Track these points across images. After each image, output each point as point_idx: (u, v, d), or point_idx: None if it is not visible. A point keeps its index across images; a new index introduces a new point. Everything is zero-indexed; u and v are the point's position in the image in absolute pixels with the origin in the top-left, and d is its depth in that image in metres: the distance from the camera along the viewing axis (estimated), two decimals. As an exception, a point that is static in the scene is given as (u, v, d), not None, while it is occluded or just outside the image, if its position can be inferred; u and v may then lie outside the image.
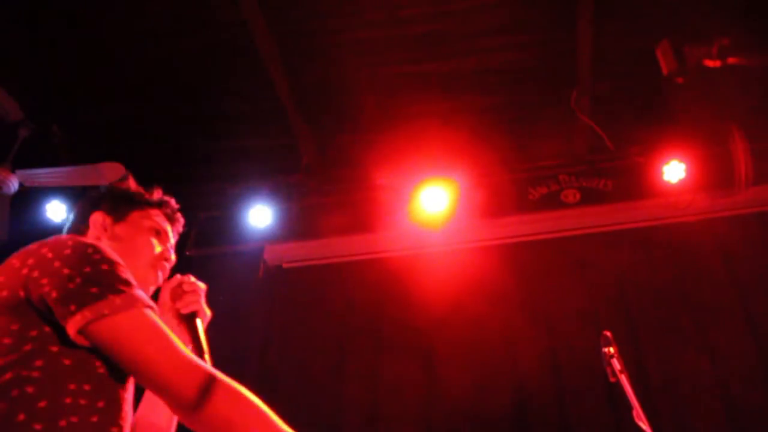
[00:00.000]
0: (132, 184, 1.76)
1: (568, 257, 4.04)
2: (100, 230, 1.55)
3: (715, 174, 3.87)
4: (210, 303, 1.62)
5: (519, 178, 4.15)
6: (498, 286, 3.95)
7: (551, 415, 3.59)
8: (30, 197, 4.22)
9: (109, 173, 3.77)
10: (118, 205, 1.62)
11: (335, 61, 3.91)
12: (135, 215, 1.61)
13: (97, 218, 1.57)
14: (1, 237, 3.97)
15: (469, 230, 4.16)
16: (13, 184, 3.80)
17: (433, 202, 4.01)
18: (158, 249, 1.58)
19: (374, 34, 3.76)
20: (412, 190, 4.06)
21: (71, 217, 1.65)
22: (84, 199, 1.66)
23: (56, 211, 4.36)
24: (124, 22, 3.68)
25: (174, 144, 4.32)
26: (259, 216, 4.20)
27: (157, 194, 1.71)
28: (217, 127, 4.25)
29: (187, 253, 4.28)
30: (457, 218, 4.04)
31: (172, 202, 1.72)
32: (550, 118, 4.17)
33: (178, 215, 1.72)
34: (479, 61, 3.90)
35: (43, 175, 3.82)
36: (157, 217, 1.65)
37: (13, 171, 3.80)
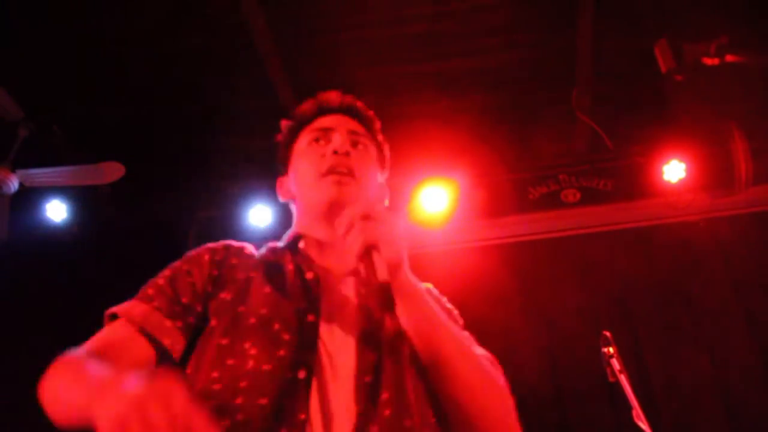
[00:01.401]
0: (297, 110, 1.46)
1: (568, 257, 4.04)
2: (286, 194, 1.45)
3: (715, 174, 3.87)
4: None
5: (519, 177, 4.14)
6: (498, 286, 3.95)
7: (550, 415, 3.59)
8: (30, 197, 4.22)
9: (109, 173, 3.78)
10: (282, 151, 1.45)
11: (335, 61, 3.91)
12: (297, 145, 1.41)
13: (281, 182, 1.47)
14: (1, 237, 3.97)
15: (469, 230, 4.16)
16: (13, 184, 3.80)
17: (433, 202, 4.01)
18: (318, 154, 1.33)
19: (374, 34, 3.76)
20: (412, 190, 4.06)
21: None
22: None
23: (56, 211, 4.36)
24: (124, 22, 3.68)
25: (174, 144, 4.32)
26: (259, 216, 4.20)
27: (307, 105, 1.44)
28: (217, 127, 4.25)
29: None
30: (457, 218, 4.04)
31: (326, 96, 1.44)
32: (550, 118, 4.17)
33: (333, 97, 1.44)
34: (479, 61, 3.89)
35: (43, 175, 3.82)
36: (314, 124, 1.40)
37: (13, 171, 3.80)
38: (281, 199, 1.47)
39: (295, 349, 1.09)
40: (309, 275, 1.23)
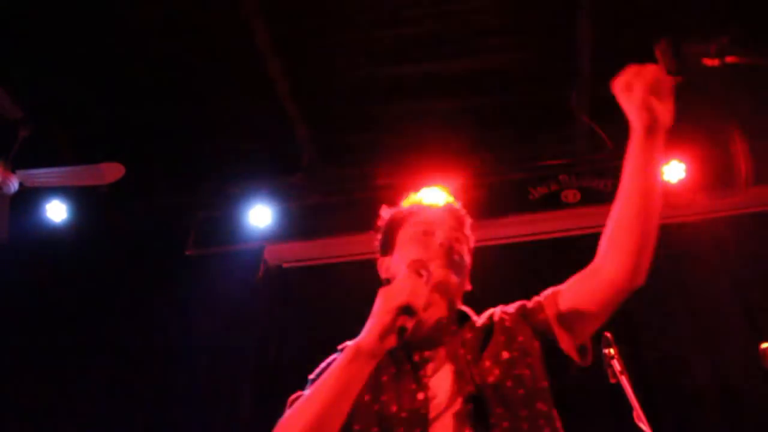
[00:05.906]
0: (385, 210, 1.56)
1: (568, 257, 4.03)
2: (386, 272, 1.50)
3: (715, 174, 3.87)
4: (209, 303, 1.61)
5: (519, 178, 4.14)
6: (498, 286, 3.94)
7: (551, 415, 3.58)
8: (30, 197, 4.22)
9: (109, 173, 3.77)
10: (384, 239, 1.51)
11: (335, 61, 3.91)
12: (400, 235, 1.50)
13: (380, 265, 1.52)
14: (1, 237, 3.96)
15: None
16: (13, 184, 3.80)
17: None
18: (424, 244, 1.42)
19: (374, 34, 3.76)
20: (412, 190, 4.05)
21: None
22: None
23: (56, 211, 4.36)
24: (123, 22, 3.68)
25: (174, 144, 4.32)
26: (259, 216, 4.20)
27: (413, 200, 1.55)
28: (217, 127, 4.24)
29: (187, 252, 4.28)
30: (457, 218, 4.03)
31: (430, 194, 1.54)
32: (550, 118, 4.17)
33: (437, 196, 1.54)
34: (479, 61, 3.89)
35: (43, 175, 3.82)
36: (417, 217, 1.49)
37: (13, 171, 3.80)
38: (381, 277, 1.53)
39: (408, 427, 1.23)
40: (416, 357, 1.37)
